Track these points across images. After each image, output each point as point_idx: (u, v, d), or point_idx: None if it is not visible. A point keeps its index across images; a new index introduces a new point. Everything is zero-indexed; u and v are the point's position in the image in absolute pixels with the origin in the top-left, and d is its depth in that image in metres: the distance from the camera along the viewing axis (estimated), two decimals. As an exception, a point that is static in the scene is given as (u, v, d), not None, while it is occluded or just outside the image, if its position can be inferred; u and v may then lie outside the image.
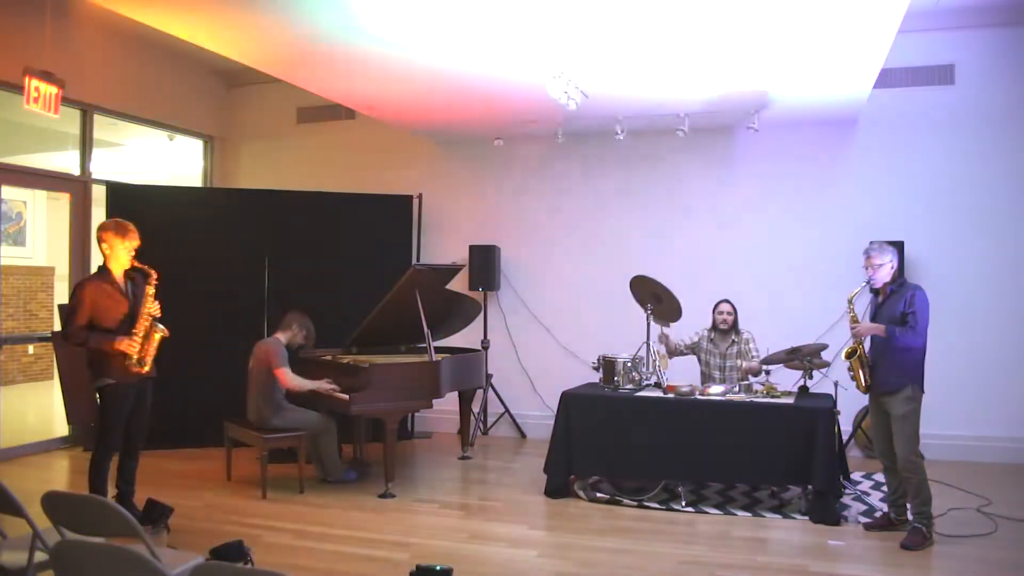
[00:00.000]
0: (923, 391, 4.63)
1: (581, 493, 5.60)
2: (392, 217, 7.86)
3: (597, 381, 5.94)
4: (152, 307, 4.70)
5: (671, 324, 6.07)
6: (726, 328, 6.01)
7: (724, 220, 7.39)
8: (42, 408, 9.48)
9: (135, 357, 4.61)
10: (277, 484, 5.69)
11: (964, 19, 6.65)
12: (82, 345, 4.62)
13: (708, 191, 7.45)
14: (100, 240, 4.72)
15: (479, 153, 8.09)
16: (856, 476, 5.96)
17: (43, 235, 11.26)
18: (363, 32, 4.99)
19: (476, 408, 7.31)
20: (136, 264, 4.75)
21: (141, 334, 4.64)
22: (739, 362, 5.92)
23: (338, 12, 4.67)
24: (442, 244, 8.17)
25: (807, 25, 4.69)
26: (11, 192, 10.05)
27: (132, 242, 4.73)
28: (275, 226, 7.46)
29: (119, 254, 4.70)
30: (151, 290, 4.71)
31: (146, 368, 4.68)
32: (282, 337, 5.90)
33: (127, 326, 4.64)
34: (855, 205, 7.03)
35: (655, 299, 6.02)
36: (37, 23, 5.67)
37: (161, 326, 4.72)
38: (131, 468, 4.87)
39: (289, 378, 5.72)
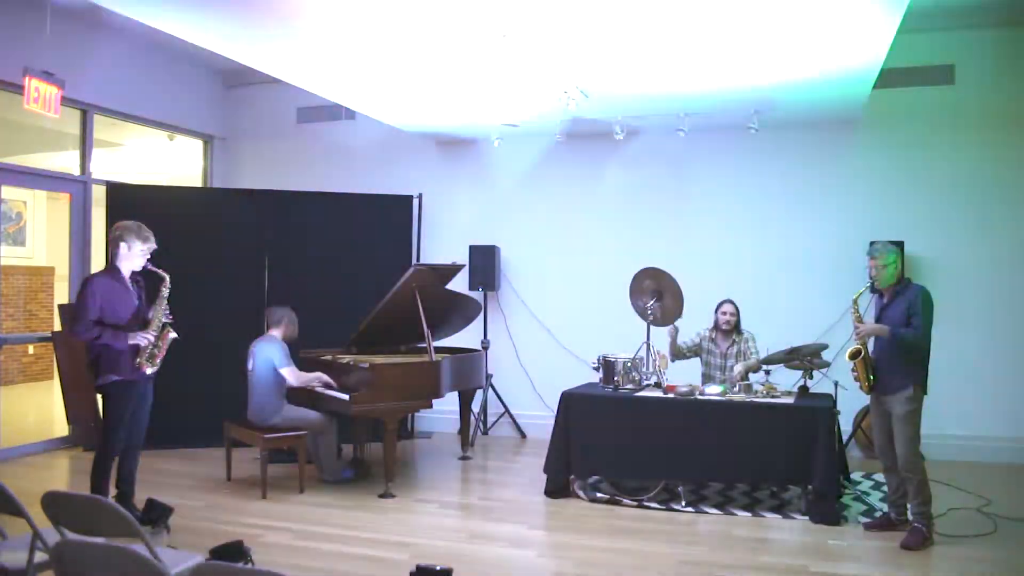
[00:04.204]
0: (926, 392, 4.62)
1: (581, 493, 5.60)
2: (392, 217, 7.85)
3: (597, 381, 5.94)
4: (164, 309, 4.74)
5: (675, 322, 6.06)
6: (728, 328, 6.00)
7: (724, 220, 7.39)
8: (42, 408, 9.48)
9: (145, 354, 4.62)
10: (277, 484, 5.69)
11: (964, 19, 6.64)
12: (96, 339, 4.55)
13: (708, 191, 7.45)
14: (119, 239, 4.71)
15: (479, 153, 8.09)
16: (856, 476, 5.97)
17: (43, 235, 11.25)
18: (364, 30, 4.99)
19: (476, 408, 7.31)
20: (150, 267, 4.77)
21: (155, 333, 4.67)
22: (736, 368, 5.81)
23: (338, 11, 4.67)
24: (442, 244, 8.16)
25: (807, 25, 4.69)
26: (11, 192, 10.04)
27: (150, 245, 4.77)
28: (275, 226, 7.46)
29: (135, 255, 4.73)
30: (165, 292, 4.74)
31: (155, 367, 4.70)
32: (277, 334, 5.90)
33: (134, 325, 4.66)
34: (855, 205, 7.03)
35: (656, 297, 6.01)
36: (37, 23, 5.67)
37: (172, 330, 4.75)
38: (131, 468, 4.87)
39: (295, 375, 5.73)
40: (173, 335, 4.75)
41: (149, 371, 4.69)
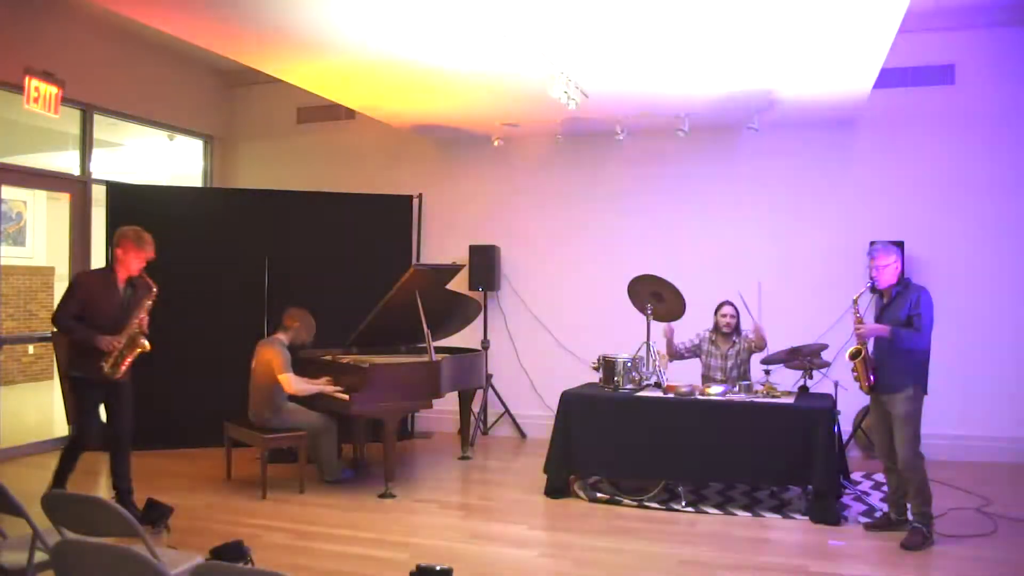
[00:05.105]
0: (925, 392, 4.63)
1: (581, 493, 5.60)
2: (392, 217, 7.85)
3: (597, 381, 5.94)
4: (143, 319, 4.74)
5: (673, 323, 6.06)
6: (728, 331, 5.99)
7: (724, 220, 7.38)
8: (42, 408, 9.47)
9: (110, 361, 4.63)
10: (277, 484, 5.69)
11: (964, 19, 6.64)
12: (67, 333, 4.71)
13: (708, 191, 7.45)
14: (117, 244, 4.78)
15: (479, 153, 8.09)
16: (856, 476, 5.97)
17: (43, 235, 11.25)
18: (363, 31, 5.00)
19: (476, 408, 7.31)
20: (144, 276, 4.79)
21: (124, 340, 4.67)
22: (749, 335, 5.91)
23: (338, 11, 4.67)
24: (442, 244, 8.16)
25: (807, 25, 4.69)
26: (11, 192, 10.04)
27: (147, 254, 4.81)
28: (275, 226, 7.46)
29: (131, 262, 4.78)
30: (149, 304, 4.76)
31: (118, 375, 4.70)
32: (283, 338, 5.89)
33: (113, 329, 4.67)
34: (855, 205, 7.03)
35: (656, 298, 6.01)
36: (37, 23, 5.67)
37: (145, 340, 4.75)
38: (124, 467, 4.89)
39: (294, 383, 5.71)
40: (142, 348, 4.74)
41: (113, 375, 4.67)
